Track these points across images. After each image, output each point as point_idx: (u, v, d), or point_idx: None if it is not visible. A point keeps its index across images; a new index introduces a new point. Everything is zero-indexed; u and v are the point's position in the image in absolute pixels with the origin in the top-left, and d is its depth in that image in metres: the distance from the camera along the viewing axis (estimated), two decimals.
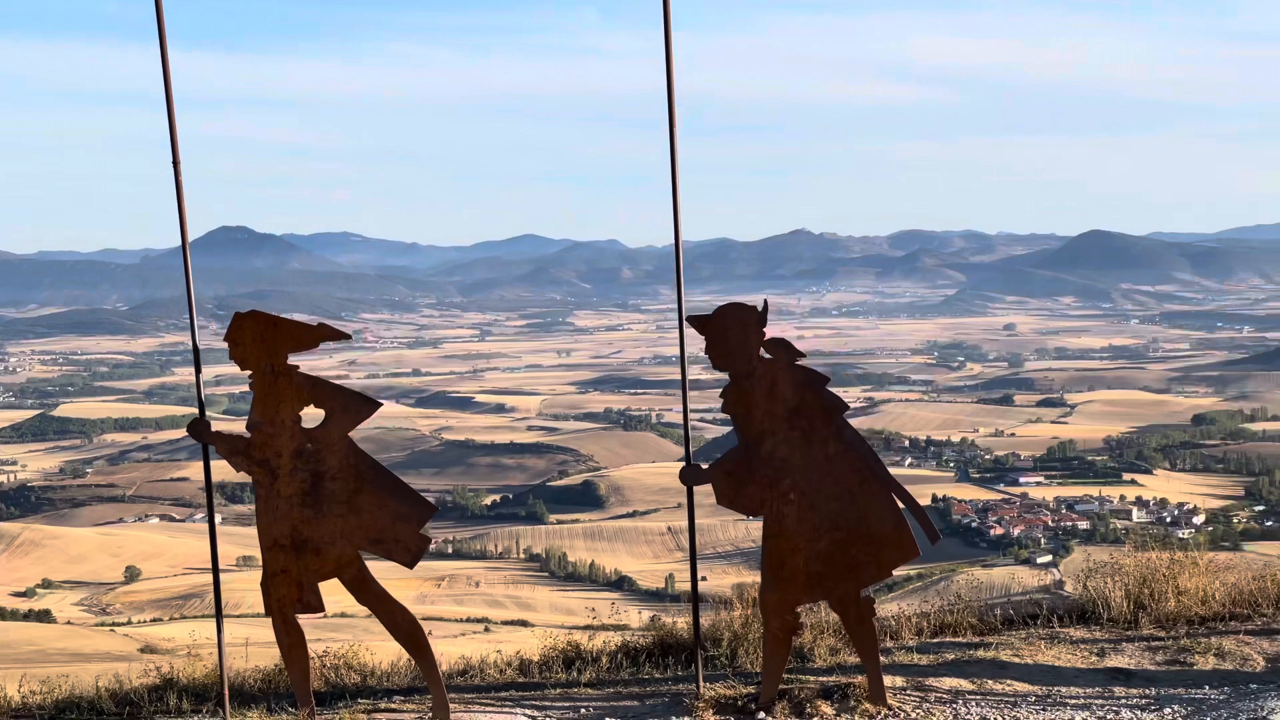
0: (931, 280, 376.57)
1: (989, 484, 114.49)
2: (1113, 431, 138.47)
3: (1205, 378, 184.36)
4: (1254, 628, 9.90)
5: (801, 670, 9.34)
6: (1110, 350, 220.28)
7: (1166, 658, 9.43)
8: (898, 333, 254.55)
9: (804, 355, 8.66)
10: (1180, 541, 11.74)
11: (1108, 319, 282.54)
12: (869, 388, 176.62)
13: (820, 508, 8.57)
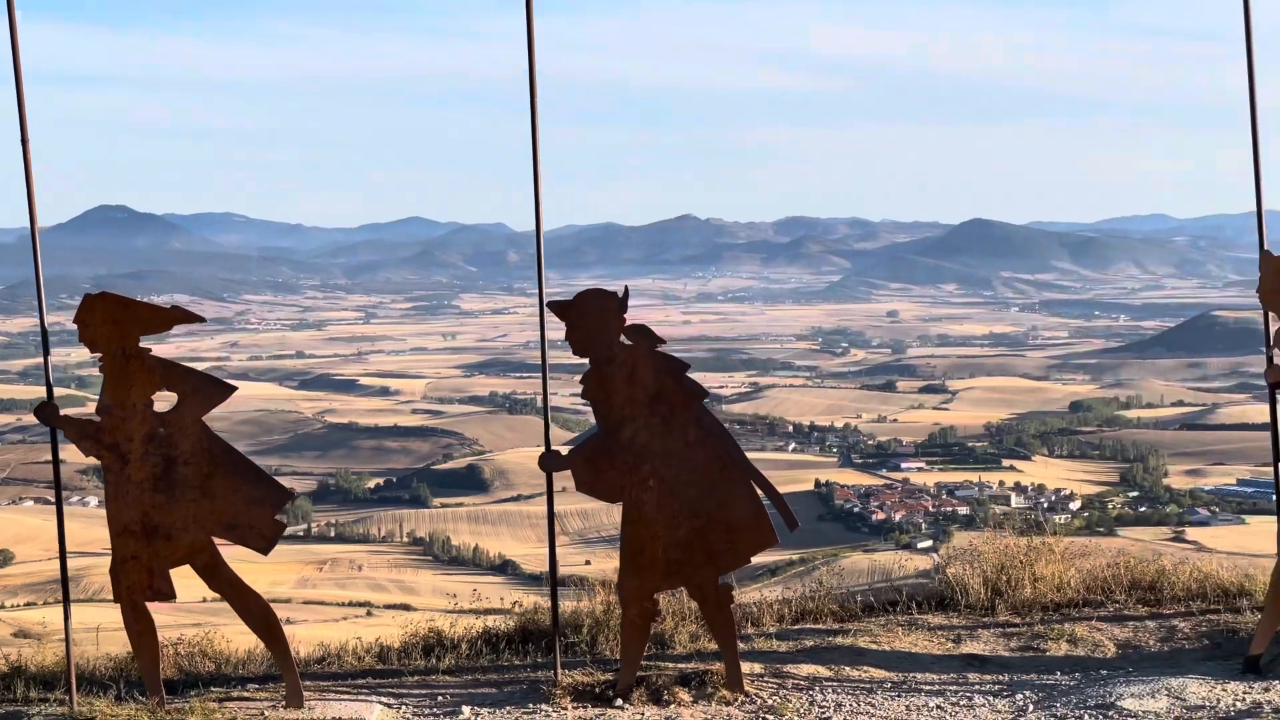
0: (816, 267, 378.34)
1: (871, 469, 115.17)
2: (993, 418, 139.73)
3: (1083, 365, 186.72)
4: (1107, 614, 10.03)
5: (661, 657, 9.34)
6: (991, 337, 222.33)
7: (1021, 644, 9.53)
8: (783, 318, 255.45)
9: (664, 341, 8.68)
10: (1039, 528, 11.86)
11: (989, 307, 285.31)
12: (754, 373, 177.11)
13: (679, 494, 8.58)
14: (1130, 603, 10.24)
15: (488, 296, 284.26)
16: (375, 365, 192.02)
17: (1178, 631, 9.61)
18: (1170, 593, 10.32)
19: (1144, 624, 9.78)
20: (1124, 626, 9.74)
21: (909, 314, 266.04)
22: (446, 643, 9.77)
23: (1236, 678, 8.56)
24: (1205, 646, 9.31)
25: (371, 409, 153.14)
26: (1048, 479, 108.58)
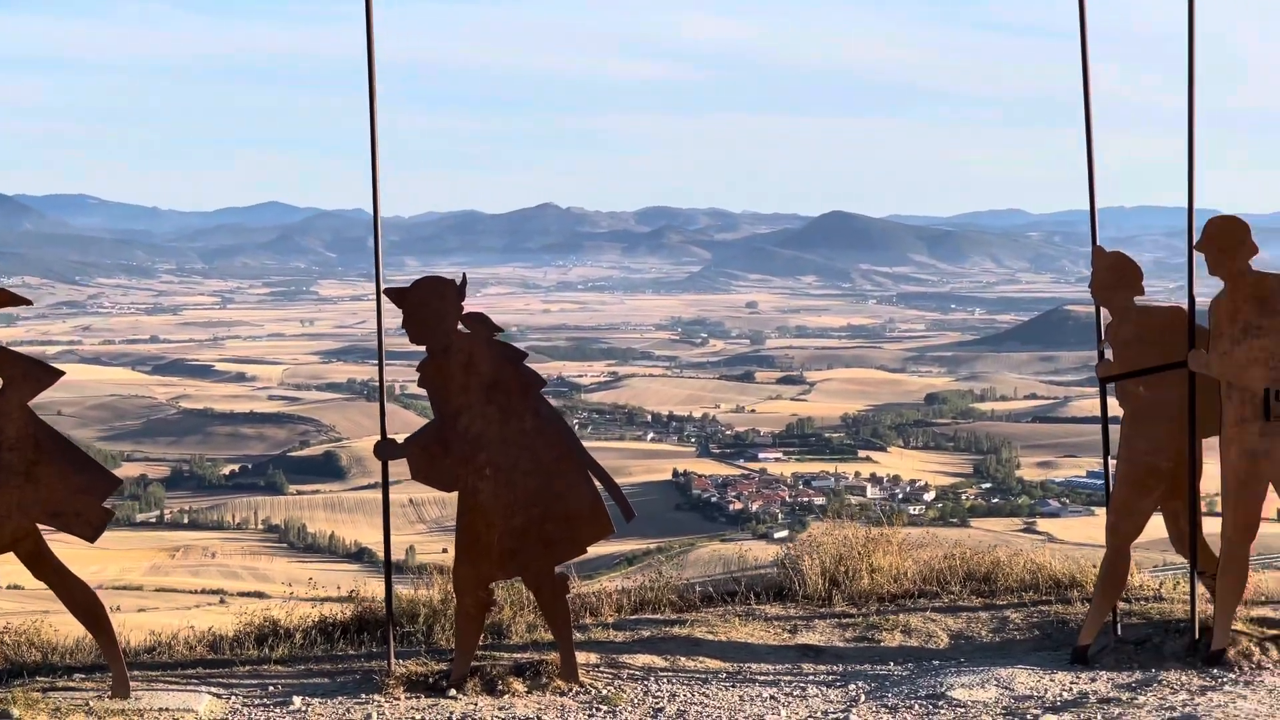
0: (677, 257, 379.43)
1: (729, 459, 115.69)
2: (850, 409, 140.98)
3: (938, 358, 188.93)
4: (941, 605, 10.13)
5: (497, 647, 9.29)
6: (849, 329, 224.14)
7: (856, 634, 9.59)
8: (643, 308, 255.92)
9: (502, 330, 8.64)
10: (877, 519, 11.96)
11: (847, 299, 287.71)
12: (613, 362, 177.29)
13: (516, 484, 8.55)
14: (965, 594, 10.35)
15: (347, 283, 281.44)
16: (231, 351, 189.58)
17: (1010, 622, 9.72)
18: (1004, 584, 10.44)
19: (977, 615, 9.88)
20: (958, 617, 9.83)
21: (768, 305, 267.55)
22: (281, 632, 9.64)
23: (1064, 668, 8.68)
24: (1036, 637, 9.44)
25: (227, 395, 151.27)
26: (903, 470, 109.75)
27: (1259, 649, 8.56)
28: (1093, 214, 9.40)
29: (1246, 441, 8.62)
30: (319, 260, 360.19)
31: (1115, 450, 9.15)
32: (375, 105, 8.86)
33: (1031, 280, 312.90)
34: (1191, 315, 8.84)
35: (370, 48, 8.75)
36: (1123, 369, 9.02)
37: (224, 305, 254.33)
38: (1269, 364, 8.54)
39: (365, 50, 8.76)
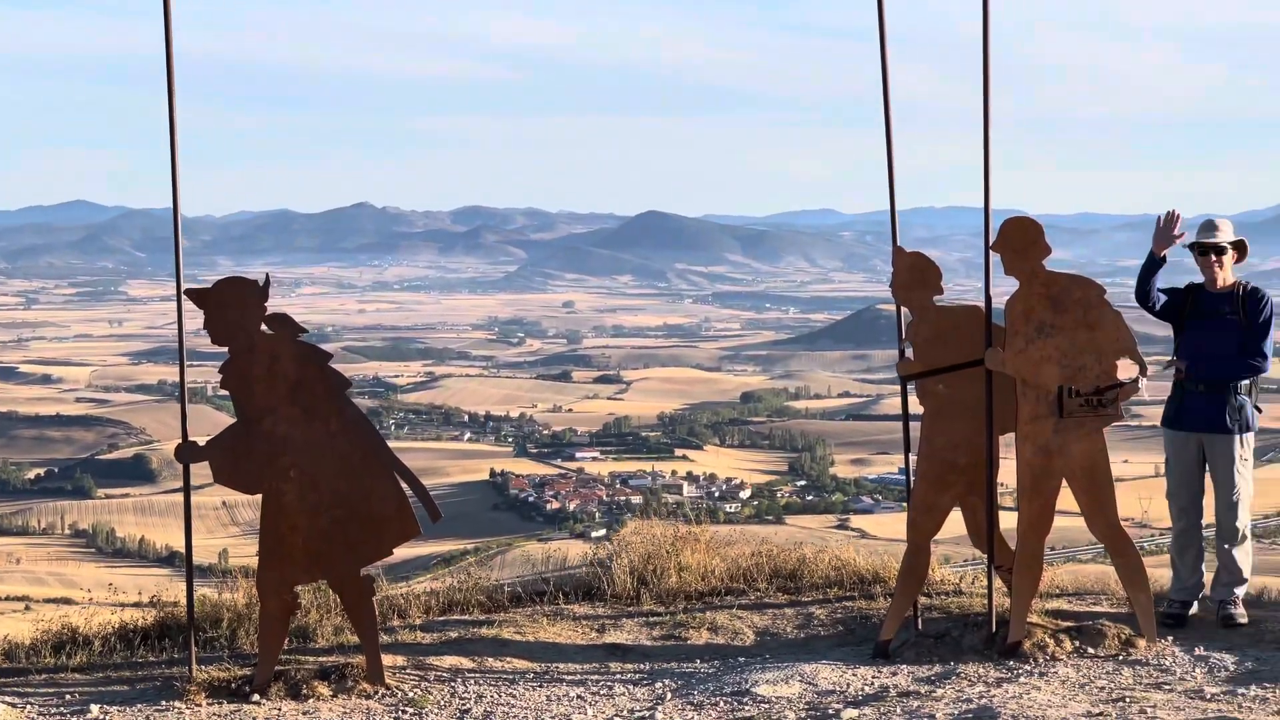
0: (494, 257, 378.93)
1: (547, 459, 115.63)
2: (666, 408, 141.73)
3: (753, 357, 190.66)
4: (748, 602, 10.21)
5: (302, 651, 9.19)
6: (665, 329, 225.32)
7: (663, 633, 9.64)
8: (460, 308, 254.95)
9: (306, 331, 8.56)
10: (685, 517, 12.05)
11: (663, 298, 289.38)
12: (430, 362, 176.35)
13: (321, 486, 8.48)
14: (771, 591, 10.44)
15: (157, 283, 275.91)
16: (36, 352, 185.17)
17: (814, 619, 9.84)
18: (809, 580, 10.55)
19: (783, 612, 9.98)
20: (764, 614, 9.92)
21: (585, 305, 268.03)
22: (79, 639, 9.43)
23: (866, 662, 8.80)
24: (839, 633, 9.56)
25: (32, 397, 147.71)
26: (719, 468, 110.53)
27: (1053, 641, 8.75)
28: (893, 215, 9.55)
29: (1041, 438, 8.82)
30: (128, 260, 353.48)
31: (916, 447, 9.31)
32: (174, 102, 8.70)
33: (844, 279, 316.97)
34: (988, 314, 9.03)
35: (169, 42, 8.59)
36: (923, 367, 9.18)
37: (28, 306, 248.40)
38: (1061, 362, 8.74)
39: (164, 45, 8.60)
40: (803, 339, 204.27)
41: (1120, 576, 9.06)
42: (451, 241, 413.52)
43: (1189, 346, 9.47)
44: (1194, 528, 9.56)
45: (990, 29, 8.86)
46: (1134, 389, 8.81)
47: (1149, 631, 8.85)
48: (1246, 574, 9.49)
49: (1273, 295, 9.75)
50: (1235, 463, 9.34)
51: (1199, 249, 9.50)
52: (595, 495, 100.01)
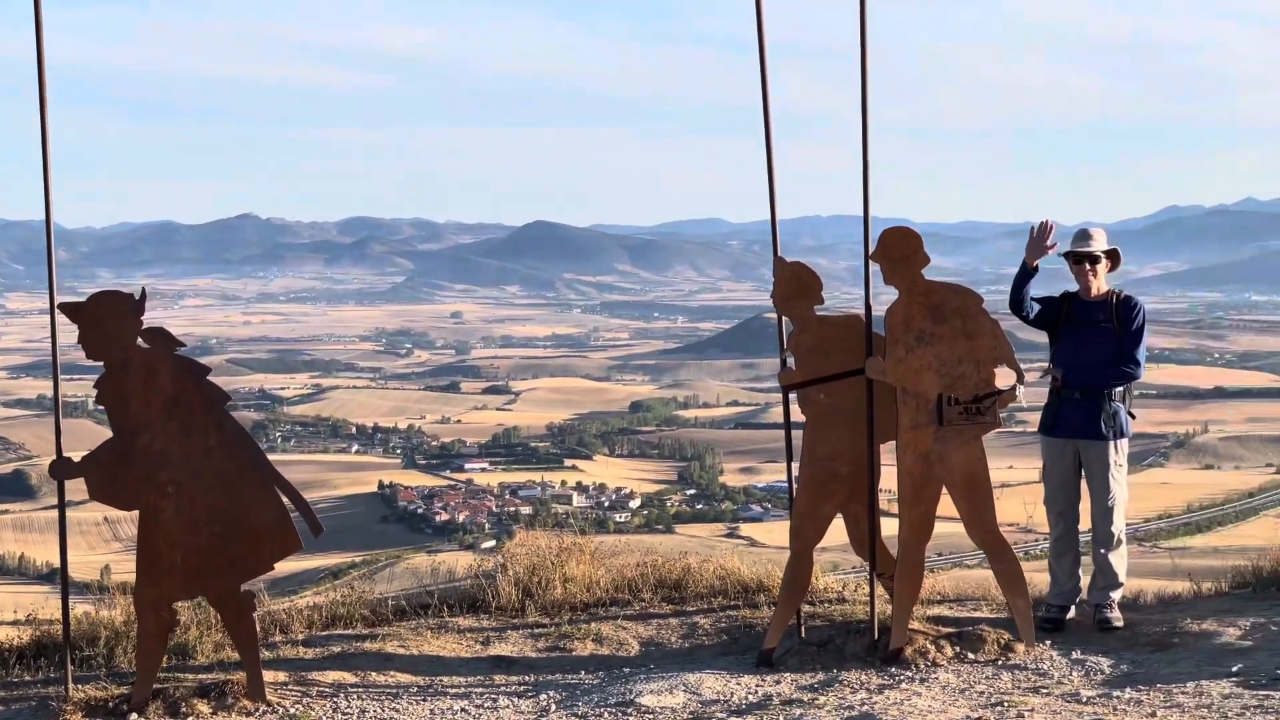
0: (381, 267, 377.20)
1: (435, 470, 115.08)
2: (555, 418, 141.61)
3: (642, 366, 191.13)
4: (632, 613, 10.22)
5: (182, 668, 9.08)
6: (554, 339, 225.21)
7: (548, 644, 9.63)
8: (346, 319, 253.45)
9: (183, 345, 8.46)
10: (572, 527, 12.06)
11: (551, 308, 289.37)
12: (317, 374, 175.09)
13: (199, 501, 8.38)
14: (656, 601, 10.45)
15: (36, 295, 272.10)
16: None
17: (699, 628, 9.86)
18: (694, 590, 10.57)
19: (668, 621, 10.00)
20: (649, 624, 9.94)
21: (473, 315, 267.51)
22: None
23: (750, 671, 8.83)
24: (724, 642, 9.59)
25: None
26: (609, 478, 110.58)
27: (934, 647, 8.83)
28: (774, 225, 9.60)
29: (921, 446, 8.91)
30: (5, 272, 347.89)
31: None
32: (46, 111, 8.57)
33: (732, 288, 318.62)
34: (868, 324, 9.10)
35: (40, 49, 8.47)
36: (804, 377, 9.23)
37: None
38: (941, 370, 8.84)
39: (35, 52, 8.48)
40: (691, 348, 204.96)
41: (999, 582, 9.17)
42: (338, 253, 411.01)
43: (1064, 354, 9.61)
44: (1071, 533, 9.69)
45: (870, 38, 8.94)
46: (1012, 397, 8.92)
47: (1027, 636, 8.96)
48: (1122, 578, 9.62)
49: (1148, 303, 9.91)
50: (1110, 468, 9.48)
51: (1074, 258, 9.64)
52: (485, 506, 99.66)
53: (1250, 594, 10.29)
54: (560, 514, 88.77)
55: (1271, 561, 10.81)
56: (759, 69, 9.34)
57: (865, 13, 8.99)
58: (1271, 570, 10.68)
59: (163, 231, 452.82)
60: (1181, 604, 10.19)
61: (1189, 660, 8.47)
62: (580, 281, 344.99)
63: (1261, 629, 8.96)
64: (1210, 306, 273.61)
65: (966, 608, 10.15)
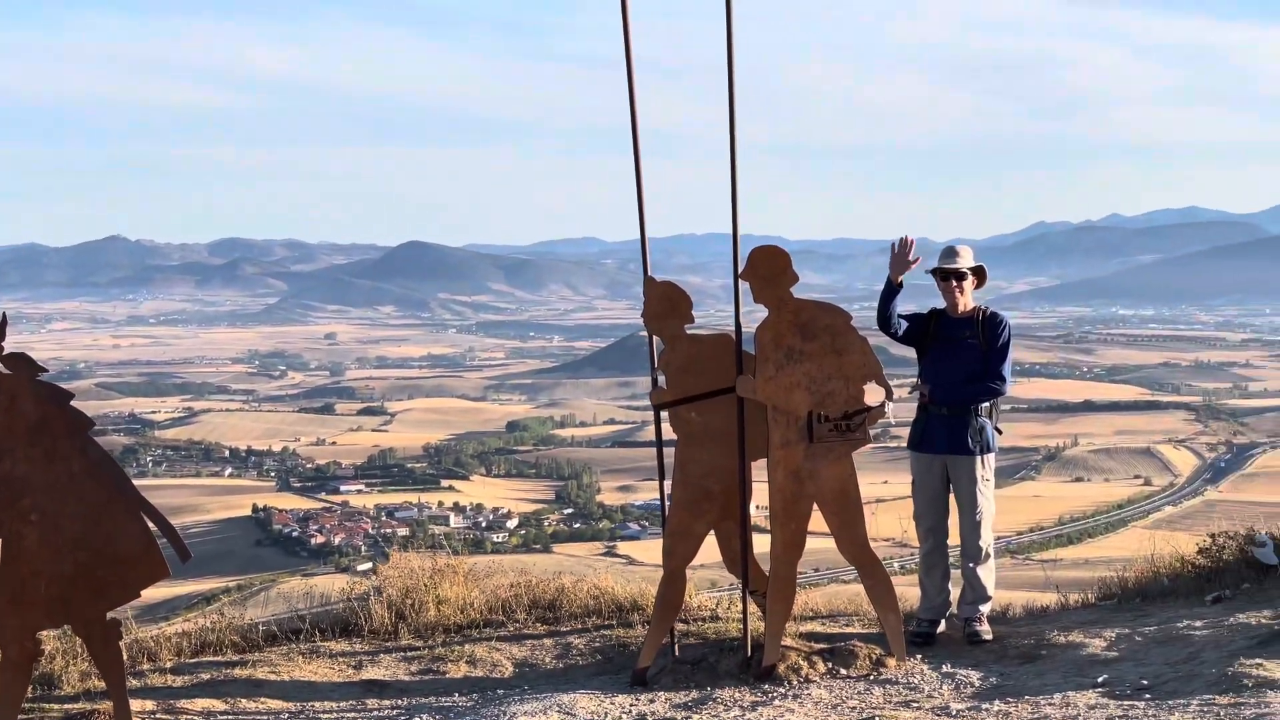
0: (253, 289, 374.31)
1: (310, 493, 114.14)
2: (432, 439, 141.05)
3: (519, 385, 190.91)
4: (506, 634, 10.18)
5: (47, 699, 8.93)
6: (429, 359, 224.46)
7: (421, 667, 9.57)
8: (218, 341, 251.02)
9: (45, 370, 8.31)
10: (448, 548, 12.00)
11: (427, 328, 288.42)
12: (188, 397, 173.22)
13: (64, 528, 8.23)
14: (530, 622, 10.42)
15: None
16: None
17: (573, 648, 9.84)
18: (568, 610, 10.56)
19: (542, 642, 9.97)
20: (523, 645, 9.90)
21: (347, 336, 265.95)
22: None
23: (624, 690, 8.82)
24: (598, 662, 9.58)
25: None
26: (486, 498, 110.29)
27: (807, 663, 8.87)
28: (644, 244, 9.61)
29: (792, 463, 8.95)
30: None
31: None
32: None
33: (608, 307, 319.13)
34: (738, 342, 9.14)
35: None
36: (675, 395, 9.25)
37: None
38: (811, 388, 8.89)
39: None
40: (567, 367, 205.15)
41: (870, 598, 9.23)
42: (209, 274, 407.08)
43: (931, 370, 9.71)
44: (940, 547, 9.79)
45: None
46: (881, 413, 9.00)
47: (899, 650, 9.03)
48: (990, 592, 9.73)
49: (1018, 318, 10.04)
50: (978, 483, 9.59)
51: (940, 274, 9.74)
52: (361, 529, 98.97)
53: (1116, 605, 10.46)
54: (437, 535, 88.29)
55: (1136, 573, 11.00)
56: (627, 88, 9.36)
57: (732, 32, 9.04)
58: (1136, 582, 10.86)
59: (28, 254, 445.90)
60: (1049, 616, 10.34)
61: (1056, 672, 8.58)
62: (455, 301, 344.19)
63: (1126, 640, 9.09)
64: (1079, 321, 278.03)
65: (839, 623, 10.21)
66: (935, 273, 9.77)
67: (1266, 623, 8.80)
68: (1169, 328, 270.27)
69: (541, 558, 76.16)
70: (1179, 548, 11.28)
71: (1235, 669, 7.79)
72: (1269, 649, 8.17)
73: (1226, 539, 10.95)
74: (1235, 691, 7.49)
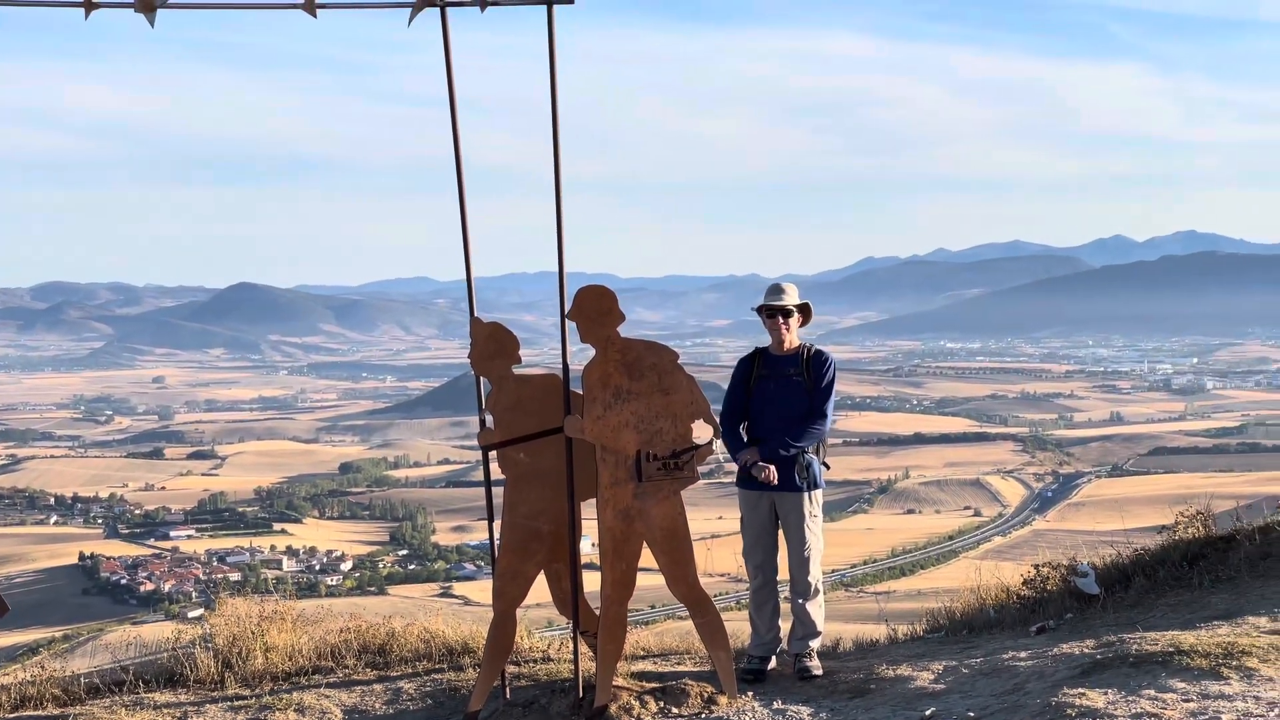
0: (78, 333, 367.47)
1: (139, 539, 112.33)
2: (263, 482, 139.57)
3: (351, 427, 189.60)
4: (336, 680, 10.02)
5: None
6: (260, 401, 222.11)
7: (249, 717, 9.37)
8: (42, 387, 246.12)
9: None
10: (280, 593, 11.82)
11: (257, 370, 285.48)
12: (11, 444, 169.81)
13: None
14: (360, 667, 10.27)
15: None
16: None
17: (404, 693, 9.71)
18: (399, 654, 10.42)
19: (372, 688, 9.83)
20: (352, 692, 9.75)
21: (176, 379, 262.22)
22: None
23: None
24: (429, 706, 9.46)
25: None
26: (319, 541, 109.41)
27: (639, 703, 8.84)
28: (470, 285, 9.55)
29: (621, 502, 8.93)
30: None
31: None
32: None
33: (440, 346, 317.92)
34: (566, 382, 9.11)
35: None
36: (503, 436, 9.21)
37: None
38: (639, 427, 8.88)
39: None
40: (401, 407, 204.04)
41: (701, 636, 9.22)
42: (32, 319, 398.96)
43: (757, 407, 9.73)
44: (770, 584, 9.82)
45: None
46: (709, 451, 9.02)
47: (730, 688, 9.03)
48: (820, 627, 9.78)
49: (846, 353, 10.13)
50: (806, 519, 9.63)
51: (767, 311, 9.77)
52: (191, 574, 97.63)
53: (943, 637, 10.58)
54: (270, 579, 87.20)
55: (963, 605, 11.14)
56: (450, 126, 9.32)
57: (555, 72, 9.04)
58: (963, 613, 11.00)
59: None
60: (878, 650, 10.42)
61: (884, 706, 8.63)
62: (286, 343, 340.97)
63: (953, 671, 9.19)
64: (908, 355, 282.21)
65: (670, 662, 10.20)
66: (761, 310, 9.81)
67: (1089, 652, 8.94)
68: (996, 360, 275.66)
69: (376, 600, 75.57)
70: (1004, 579, 11.45)
71: (1059, 699, 7.89)
72: (1091, 678, 8.30)
73: (1050, 569, 11.14)
74: None
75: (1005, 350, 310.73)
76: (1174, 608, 10.25)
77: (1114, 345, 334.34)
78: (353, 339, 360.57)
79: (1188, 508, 11.55)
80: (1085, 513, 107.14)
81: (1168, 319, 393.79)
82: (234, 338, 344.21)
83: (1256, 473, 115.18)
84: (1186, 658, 8.34)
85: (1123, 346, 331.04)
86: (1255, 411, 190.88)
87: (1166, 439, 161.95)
